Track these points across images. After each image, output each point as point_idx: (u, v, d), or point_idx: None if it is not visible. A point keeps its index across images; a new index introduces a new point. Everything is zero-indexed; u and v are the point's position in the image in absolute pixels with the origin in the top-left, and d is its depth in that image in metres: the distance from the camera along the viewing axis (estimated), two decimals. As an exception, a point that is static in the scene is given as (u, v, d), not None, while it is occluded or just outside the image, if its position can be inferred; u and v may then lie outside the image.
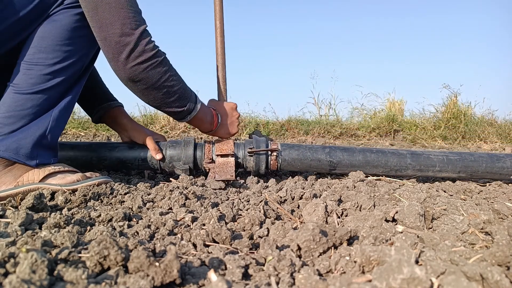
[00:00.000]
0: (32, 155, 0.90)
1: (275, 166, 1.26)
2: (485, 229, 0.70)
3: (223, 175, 1.18)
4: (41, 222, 0.71)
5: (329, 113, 4.88)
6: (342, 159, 1.28)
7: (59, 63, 0.90)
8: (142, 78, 0.95)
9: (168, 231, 0.69)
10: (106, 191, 0.96)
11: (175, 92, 1.03)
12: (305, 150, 1.28)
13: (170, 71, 1.00)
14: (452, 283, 0.41)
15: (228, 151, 1.21)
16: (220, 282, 0.42)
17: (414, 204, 0.75)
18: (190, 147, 1.21)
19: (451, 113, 4.10)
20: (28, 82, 0.88)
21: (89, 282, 0.44)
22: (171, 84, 1.01)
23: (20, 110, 0.88)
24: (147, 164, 1.23)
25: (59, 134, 0.97)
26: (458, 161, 1.34)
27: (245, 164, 1.26)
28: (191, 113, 1.11)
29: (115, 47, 0.89)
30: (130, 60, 0.91)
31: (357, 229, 0.70)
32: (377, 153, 1.31)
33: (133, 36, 0.89)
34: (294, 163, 1.27)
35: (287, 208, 0.91)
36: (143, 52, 0.92)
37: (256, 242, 0.67)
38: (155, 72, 0.96)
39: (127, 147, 1.25)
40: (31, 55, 0.89)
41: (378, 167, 1.30)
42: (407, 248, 0.51)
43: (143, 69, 0.93)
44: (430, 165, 1.32)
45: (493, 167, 1.35)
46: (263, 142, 1.26)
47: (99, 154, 1.24)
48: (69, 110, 0.98)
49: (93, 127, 3.31)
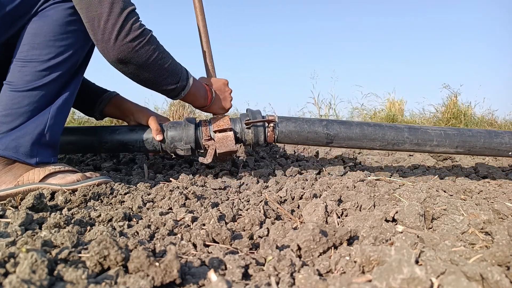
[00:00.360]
0: (31, 153, 0.90)
1: (272, 138, 1.25)
2: (485, 229, 0.70)
3: (224, 148, 1.17)
4: (41, 222, 0.71)
5: (329, 113, 4.89)
6: (339, 132, 1.26)
7: (53, 59, 0.90)
8: (132, 58, 0.94)
9: (168, 231, 0.69)
10: (106, 191, 0.96)
11: (166, 70, 1.02)
12: (302, 122, 1.27)
13: (159, 49, 0.98)
14: (452, 283, 0.41)
15: (226, 125, 1.21)
16: (220, 282, 0.42)
17: (414, 204, 0.75)
18: (191, 127, 1.22)
19: (451, 113, 4.10)
20: (24, 80, 0.88)
21: (89, 282, 0.44)
22: (161, 62, 0.99)
23: (17, 108, 0.88)
24: (149, 145, 1.23)
25: (59, 132, 0.97)
26: (456, 135, 1.31)
27: (244, 137, 1.25)
28: (185, 89, 1.10)
29: (104, 27, 0.88)
30: (119, 40, 0.90)
31: (357, 229, 0.70)
32: (374, 126, 1.30)
33: (122, 15, 0.89)
34: (291, 135, 1.26)
35: (287, 208, 0.91)
36: (130, 31, 0.91)
37: (256, 242, 0.67)
38: (144, 51, 0.94)
39: (128, 129, 1.25)
40: (25, 52, 0.89)
41: (376, 140, 1.28)
42: (407, 248, 0.51)
43: (131, 48, 0.92)
44: (428, 139, 1.29)
45: (491, 143, 1.33)
46: (258, 113, 1.25)
47: (100, 138, 1.23)
48: (67, 106, 0.98)
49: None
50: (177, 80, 1.07)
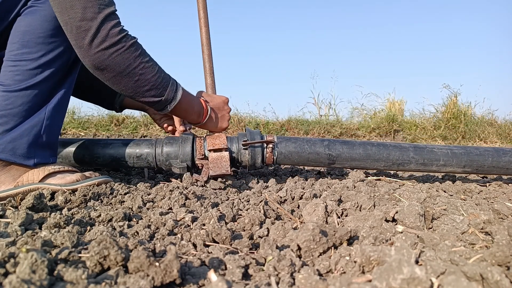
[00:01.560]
0: (29, 155, 0.89)
1: (271, 160, 1.20)
2: (485, 229, 0.70)
3: (218, 170, 1.12)
4: (41, 222, 0.71)
5: (329, 113, 4.89)
6: (341, 153, 1.22)
7: (44, 56, 0.88)
8: (108, 65, 0.87)
9: (168, 231, 0.69)
10: (106, 191, 0.96)
11: (148, 80, 0.94)
12: (303, 143, 1.22)
13: (142, 57, 0.91)
14: (452, 283, 0.41)
15: (221, 145, 1.14)
16: (220, 282, 0.42)
17: (414, 204, 0.75)
18: (188, 144, 1.16)
19: (451, 113, 4.10)
20: (15, 79, 0.86)
21: (89, 282, 0.44)
22: (143, 72, 0.92)
23: (11, 109, 0.87)
24: (143, 162, 1.18)
25: (58, 132, 0.96)
26: (463, 155, 1.27)
27: (240, 158, 1.20)
28: (171, 103, 1.02)
29: (76, 32, 0.83)
30: (93, 46, 0.84)
31: (357, 229, 0.70)
32: (378, 146, 1.25)
33: (96, 20, 0.82)
34: (291, 156, 1.21)
35: (287, 208, 0.91)
36: (107, 37, 0.84)
37: (256, 242, 0.67)
38: (122, 59, 0.87)
39: (121, 143, 1.19)
40: (15, 51, 0.87)
41: (380, 160, 1.24)
42: (407, 248, 0.51)
43: (108, 56, 0.86)
44: (434, 159, 1.26)
45: (500, 161, 1.29)
46: (257, 134, 1.20)
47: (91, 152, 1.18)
48: (63, 105, 0.96)
49: (93, 127, 3.31)
50: (161, 93, 0.98)
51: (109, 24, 0.85)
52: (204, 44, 1.29)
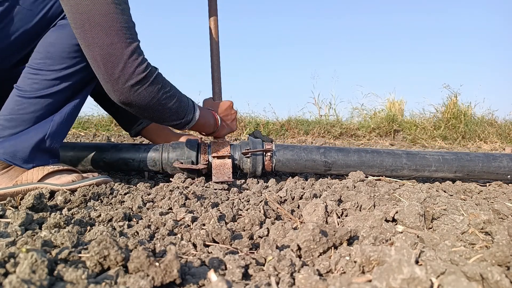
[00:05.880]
0: (28, 159, 0.90)
1: (270, 167, 1.26)
2: (485, 229, 0.70)
3: (220, 176, 1.17)
4: (41, 222, 0.71)
5: (329, 113, 4.89)
6: (337, 159, 1.27)
7: (65, 70, 0.90)
8: (134, 100, 0.90)
9: (168, 231, 0.69)
10: (106, 191, 0.96)
11: (170, 108, 0.98)
12: (300, 150, 1.27)
13: (164, 88, 0.94)
14: (452, 283, 0.41)
15: (225, 152, 1.21)
16: (220, 282, 0.42)
17: (414, 204, 0.75)
18: (193, 149, 1.21)
19: (451, 113, 4.10)
20: (33, 87, 0.89)
21: (89, 282, 0.44)
22: (165, 102, 0.96)
23: (22, 114, 0.88)
24: (148, 166, 1.23)
25: (61, 140, 0.97)
26: (454, 160, 1.33)
27: (242, 166, 1.25)
28: (190, 123, 1.08)
29: (104, 69, 0.84)
30: (120, 83, 0.86)
31: (357, 229, 0.70)
32: (372, 153, 1.31)
33: (123, 57, 0.84)
34: (288, 163, 1.26)
35: (287, 208, 0.91)
36: (133, 74, 0.86)
37: (256, 242, 0.67)
38: (147, 93, 0.90)
39: (130, 146, 1.25)
40: (38, 60, 0.89)
41: (374, 167, 1.29)
42: (407, 248, 0.51)
43: (134, 92, 0.88)
44: (426, 165, 1.32)
45: (490, 167, 1.35)
46: (259, 143, 1.26)
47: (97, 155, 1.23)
48: (73, 115, 0.98)
49: (93, 127, 3.31)
50: (182, 116, 1.04)
51: (135, 61, 0.86)
52: (214, 55, 1.32)
